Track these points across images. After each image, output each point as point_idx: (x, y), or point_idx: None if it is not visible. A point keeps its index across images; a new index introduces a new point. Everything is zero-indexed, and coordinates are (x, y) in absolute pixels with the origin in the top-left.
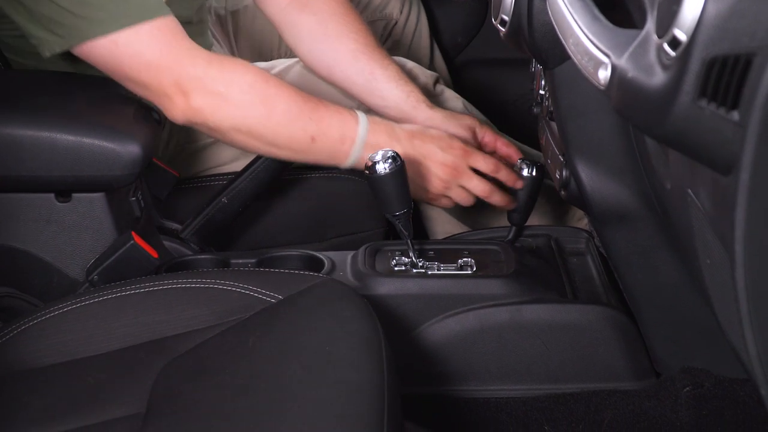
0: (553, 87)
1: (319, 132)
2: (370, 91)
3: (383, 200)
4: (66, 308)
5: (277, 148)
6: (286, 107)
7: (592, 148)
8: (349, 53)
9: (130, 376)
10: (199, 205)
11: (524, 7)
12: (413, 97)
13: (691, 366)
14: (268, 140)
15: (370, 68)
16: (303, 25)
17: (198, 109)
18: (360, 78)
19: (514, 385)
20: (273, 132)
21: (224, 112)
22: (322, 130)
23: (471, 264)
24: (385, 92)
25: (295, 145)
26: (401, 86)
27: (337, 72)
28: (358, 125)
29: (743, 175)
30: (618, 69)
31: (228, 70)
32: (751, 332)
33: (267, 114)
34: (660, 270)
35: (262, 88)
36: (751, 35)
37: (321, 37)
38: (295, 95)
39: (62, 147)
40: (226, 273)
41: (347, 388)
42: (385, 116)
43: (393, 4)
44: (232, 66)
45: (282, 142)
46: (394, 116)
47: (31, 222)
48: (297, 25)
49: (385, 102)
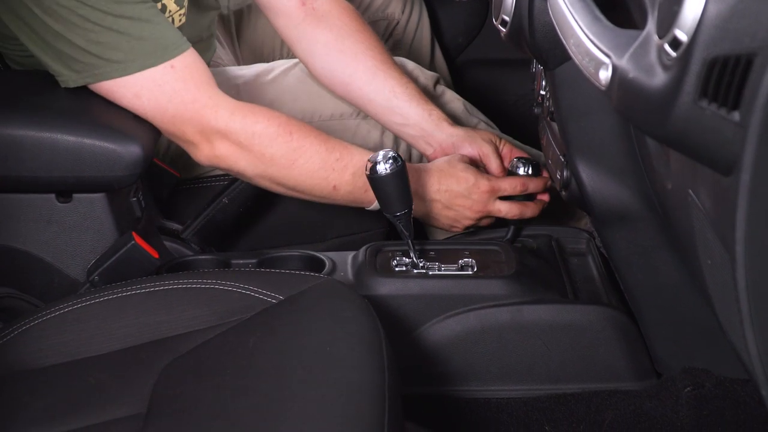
0: (554, 87)
1: (341, 182)
2: (391, 110)
3: (384, 200)
4: (67, 309)
5: (301, 193)
6: (309, 159)
7: (593, 149)
8: (367, 71)
9: (131, 376)
10: (199, 205)
11: (525, 7)
12: (435, 116)
13: (692, 366)
14: (291, 186)
15: (390, 87)
16: (318, 41)
17: (222, 157)
18: (379, 96)
19: (514, 385)
20: (295, 181)
21: (247, 161)
22: (345, 179)
23: (472, 264)
24: (405, 111)
25: (318, 192)
26: (422, 105)
27: (355, 89)
28: None
29: (744, 175)
30: (619, 69)
31: (251, 121)
32: (752, 332)
33: (289, 166)
34: (661, 270)
35: (285, 141)
36: (752, 35)
37: (337, 53)
38: (318, 145)
39: (63, 147)
40: (227, 273)
41: (348, 388)
42: (403, 135)
43: (395, 4)
44: (254, 117)
45: (305, 189)
46: (414, 134)
47: (32, 222)
48: (312, 40)
49: (406, 121)
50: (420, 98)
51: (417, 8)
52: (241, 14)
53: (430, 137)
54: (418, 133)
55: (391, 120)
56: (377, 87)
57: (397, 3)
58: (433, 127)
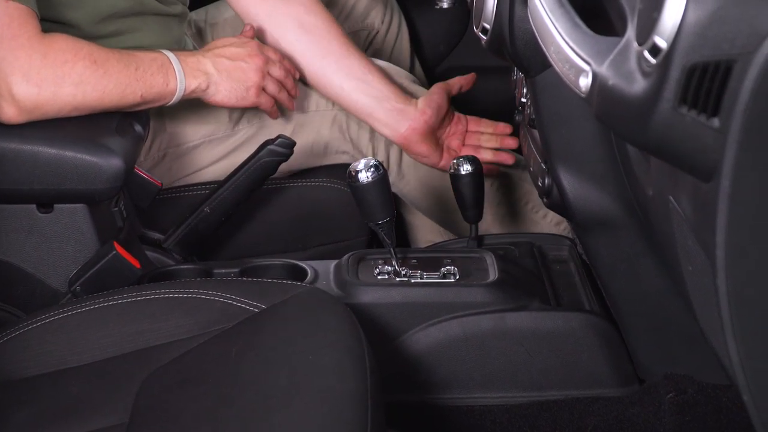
0: (535, 95)
1: (146, 88)
2: (365, 88)
3: (366, 209)
4: (49, 319)
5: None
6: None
7: (574, 156)
8: (342, 47)
9: (114, 386)
10: (181, 214)
11: (505, 15)
12: (402, 94)
13: (674, 372)
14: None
15: (364, 63)
16: (290, 15)
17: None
18: (353, 74)
19: (497, 392)
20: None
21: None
22: (148, 83)
23: (454, 272)
24: (377, 90)
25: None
26: (393, 84)
27: (332, 63)
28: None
29: (724, 181)
30: (599, 76)
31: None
32: (733, 338)
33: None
34: (642, 277)
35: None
36: (731, 42)
37: (311, 28)
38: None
39: (44, 160)
40: (209, 283)
41: (331, 396)
42: (372, 112)
43: (374, 13)
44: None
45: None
46: (387, 107)
47: (13, 233)
48: (283, 14)
49: (378, 100)
50: (390, 78)
51: (396, 18)
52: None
53: (398, 114)
54: (393, 107)
55: (366, 95)
56: (352, 63)
57: (376, 13)
58: (403, 102)
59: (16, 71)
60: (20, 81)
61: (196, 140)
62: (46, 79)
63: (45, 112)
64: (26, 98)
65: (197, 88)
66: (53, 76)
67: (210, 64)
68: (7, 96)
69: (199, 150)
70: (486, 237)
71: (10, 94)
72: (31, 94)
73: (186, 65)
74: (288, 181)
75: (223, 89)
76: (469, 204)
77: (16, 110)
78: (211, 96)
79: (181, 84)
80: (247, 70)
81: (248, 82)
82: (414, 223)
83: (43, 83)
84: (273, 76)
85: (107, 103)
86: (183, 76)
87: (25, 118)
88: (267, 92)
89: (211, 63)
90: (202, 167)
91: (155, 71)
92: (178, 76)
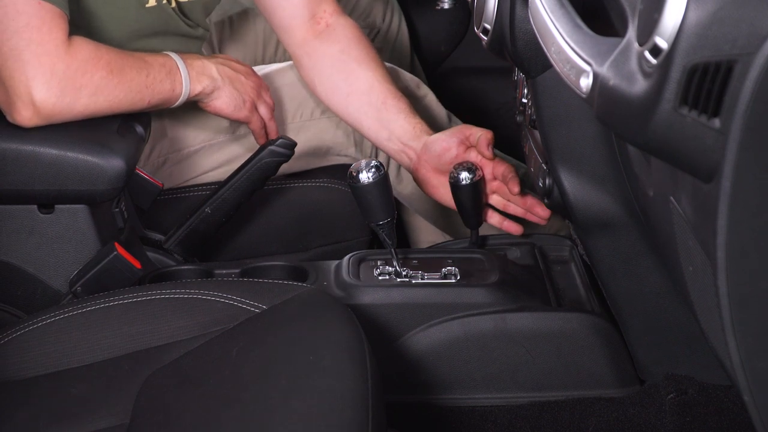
0: (536, 95)
1: (154, 94)
2: (379, 121)
3: (367, 209)
4: (49, 320)
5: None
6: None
7: (575, 156)
8: (366, 81)
9: (114, 387)
10: (182, 215)
11: (506, 15)
12: (418, 129)
13: (675, 373)
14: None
15: (383, 97)
16: (325, 55)
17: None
18: (371, 108)
19: (498, 393)
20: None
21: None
22: (156, 90)
23: (455, 273)
24: (392, 123)
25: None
26: (409, 119)
27: (353, 102)
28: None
29: (725, 182)
30: (599, 77)
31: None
32: (734, 339)
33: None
34: (643, 277)
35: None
36: (731, 42)
37: (339, 71)
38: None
39: (45, 161)
40: (210, 283)
41: (331, 397)
42: (387, 149)
43: (375, 12)
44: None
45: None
46: (394, 149)
47: (14, 233)
48: (319, 55)
49: (390, 135)
50: (408, 112)
51: (397, 17)
52: (222, 26)
53: (410, 150)
54: (397, 147)
55: (379, 136)
56: (371, 99)
57: (378, 11)
58: (413, 138)
59: (38, 77)
60: (41, 87)
61: (196, 145)
62: (65, 89)
63: (59, 119)
64: (44, 104)
65: (201, 92)
66: (72, 87)
67: (215, 69)
68: (27, 99)
69: (199, 155)
70: (487, 238)
71: (29, 97)
72: (49, 102)
73: (192, 69)
74: (289, 182)
75: (224, 95)
76: (470, 212)
77: (32, 114)
78: (213, 100)
79: (186, 89)
80: (246, 84)
81: (245, 94)
82: (415, 224)
83: (63, 93)
84: (266, 101)
85: (115, 110)
86: (188, 82)
87: (38, 123)
88: (259, 113)
89: (215, 68)
90: (203, 172)
91: (164, 77)
92: (184, 82)
